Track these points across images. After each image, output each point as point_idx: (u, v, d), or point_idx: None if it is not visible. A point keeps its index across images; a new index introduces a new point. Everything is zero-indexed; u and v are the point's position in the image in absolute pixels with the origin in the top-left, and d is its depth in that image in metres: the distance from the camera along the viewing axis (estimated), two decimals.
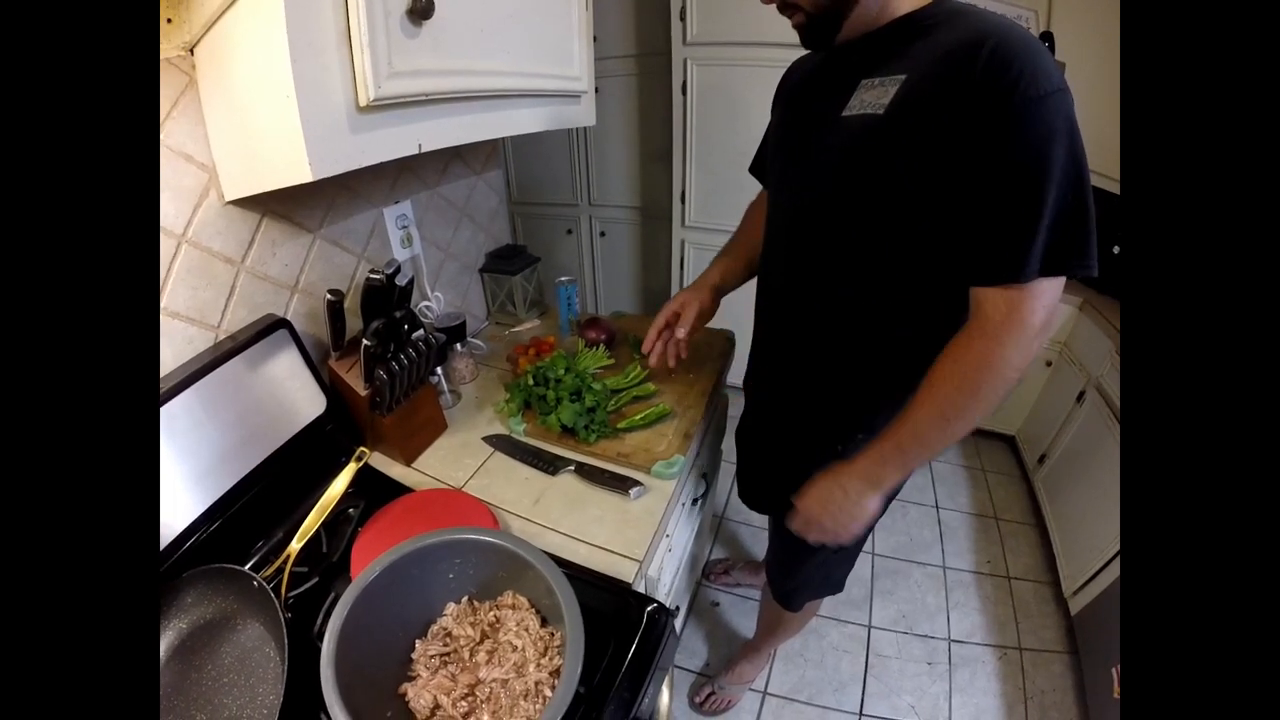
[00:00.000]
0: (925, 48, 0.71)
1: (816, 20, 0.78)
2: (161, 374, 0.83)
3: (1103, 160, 0.66)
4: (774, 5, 0.80)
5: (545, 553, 0.73)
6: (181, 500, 0.80)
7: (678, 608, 1.41)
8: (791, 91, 0.96)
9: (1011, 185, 0.65)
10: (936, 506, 2.19)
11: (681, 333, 1.09)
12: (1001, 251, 0.68)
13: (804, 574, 1.23)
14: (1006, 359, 0.70)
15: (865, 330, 0.87)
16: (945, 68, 0.67)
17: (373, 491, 0.96)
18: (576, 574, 0.78)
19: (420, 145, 0.82)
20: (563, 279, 1.47)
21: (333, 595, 0.81)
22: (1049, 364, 2.11)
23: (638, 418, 1.11)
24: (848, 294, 0.85)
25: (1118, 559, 1.45)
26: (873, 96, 0.75)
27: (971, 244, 0.70)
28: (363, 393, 0.97)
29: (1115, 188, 1.71)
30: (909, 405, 0.79)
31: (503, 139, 2.03)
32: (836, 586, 1.27)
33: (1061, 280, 0.68)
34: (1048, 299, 0.69)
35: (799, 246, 0.91)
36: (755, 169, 1.13)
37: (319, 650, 0.62)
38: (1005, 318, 0.69)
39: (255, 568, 0.81)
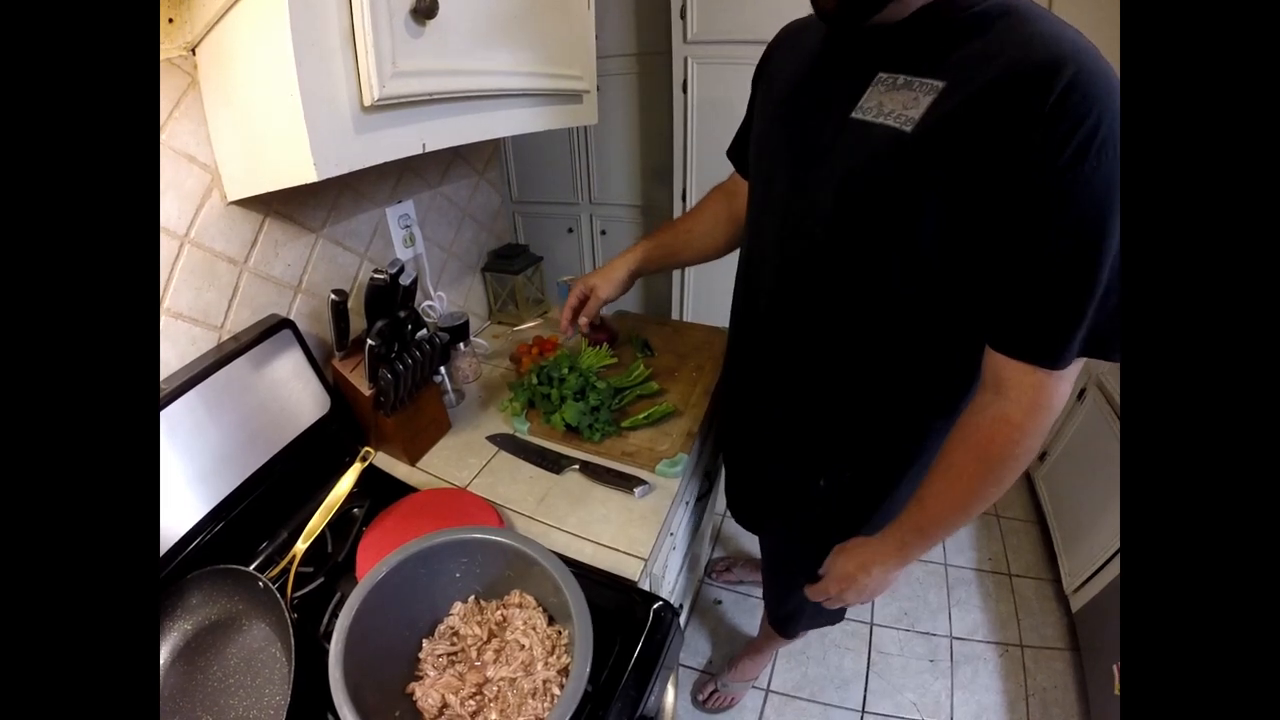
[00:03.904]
0: (973, 53, 0.58)
1: None
2: (165, 375, 0.82)
3: None
4: None
5: (552, 551, 0.73)
6: (186, 501, 0.80)
7: (681, 606, 1.42)
8: (787, 72, 0.81)
9: (1066, 258, 0.56)
10: None
11: (584, 321, 1.17)
12: (1043, 331, 0.60)
13: (795, 603, 1.21)
14: (1030, 446, 0.66)
15: (856, 361, 0.79)
16: (1004, 92, 0.54)
17: (377, 491, 0.96)
18: (582, 572, 0.77)
19: (424, 145, 0.82)
20: (565, 278, 1.47)
21: (338, 595, 0.81)
22: None
23: (642, 416, 1.11)
24: (841, 319, 0.77)
25: (1118, 556, 1.45)
26: (896, 103, 0.62)
27: (1005, 311, 0.62)
28: (367, 393, 0.97)
29: None
30: (926, 485, 0.75)
31: (503, 138, 2.03)
32: (835, 617, 1.26)
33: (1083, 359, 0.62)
34: (1070, 373, 0.63)
35: (788, 260, 0.81)
36: (733, 153, 1.05)
37: (325, 651, 0.62)
38: (1031, 403, 0.63)
39: (260, 568, 0.81)
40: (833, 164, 0.70)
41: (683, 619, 1.31)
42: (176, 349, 0.85)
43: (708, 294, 2.45)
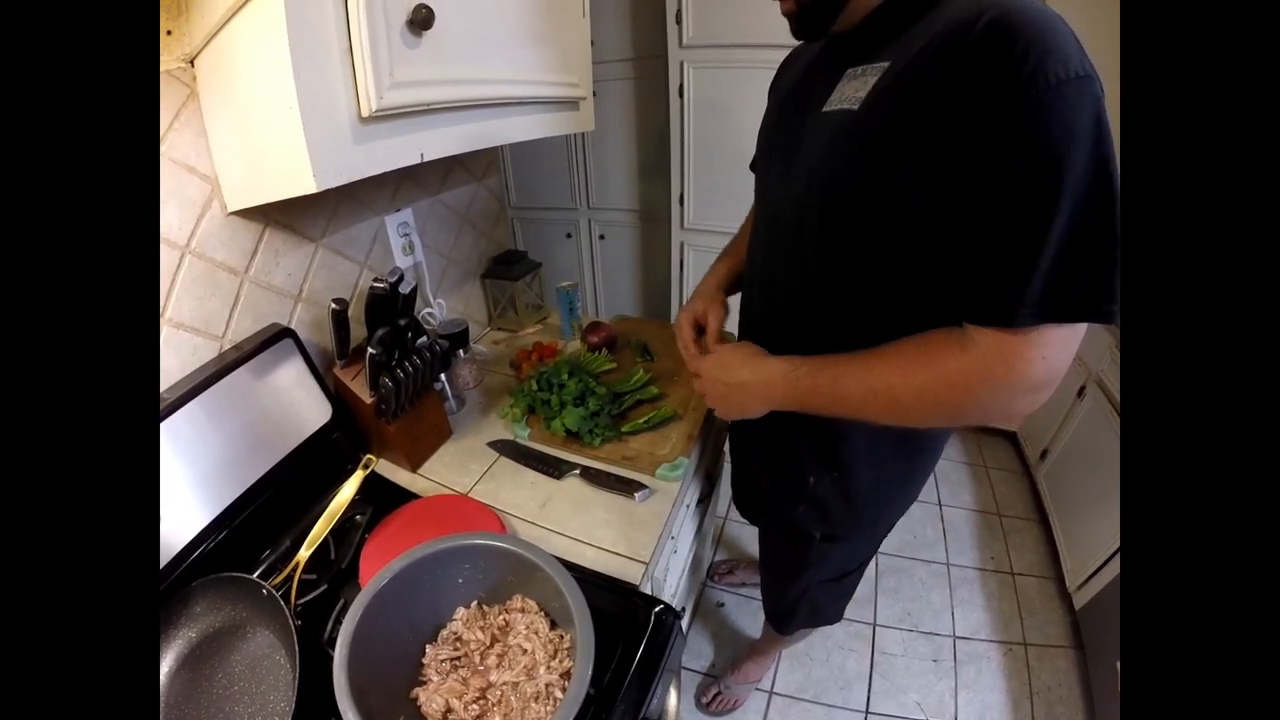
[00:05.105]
0: (918, 31, 0.59)
1: (809, 8, 0.67)
2: (168, 384, 0.83)
3: None
4: None
5: (553, 556, 0.73)
6: (189, 509, 0.80)
7: (684, 609, 1.42)
8: (789, 80, 0.86)
9: (1006, 199, 0.52)
10: (939, 504, 2.20)
11: (712, 341, 1.04)
12: (987, 286, 0.55)
13: (788, 601, 1.21)
14: (975, 395, 0.58)
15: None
16: (932, 50, 0.55)
17: (380, 498, 0.96)
18: (583, 577, 0.78)
19: (422, 154, 0.83)
20: (564, 284, 1.48)
21: (342, 602, 0.82)
22: None
23: (641, 420, 1.11)
24: (836, 316, 0.75)
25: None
26: (852, 89, 0.65)
27: (958, 273, 0.58)
28: (368, 400, 0.97)
29: None
30: (854, 355, 0.67)
31: (502, 145, 2.04)
32: (831, 618, 1.26)
33: (1077, 327, 0.55)
34: (1054, 350, 0.55)
35: (778, 261, 0.82)
36: (754, 166, 1.08)
37: (329, 657, 0.62)
38: (994, 360, 0.56)
39: (264, 576, 0.82)
40: (803, 156, 0.73)
41: (685, 622, 1.32)
42: (179, 358, 0.86)
43: None
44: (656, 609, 0.78)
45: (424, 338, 1.01)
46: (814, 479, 0.92)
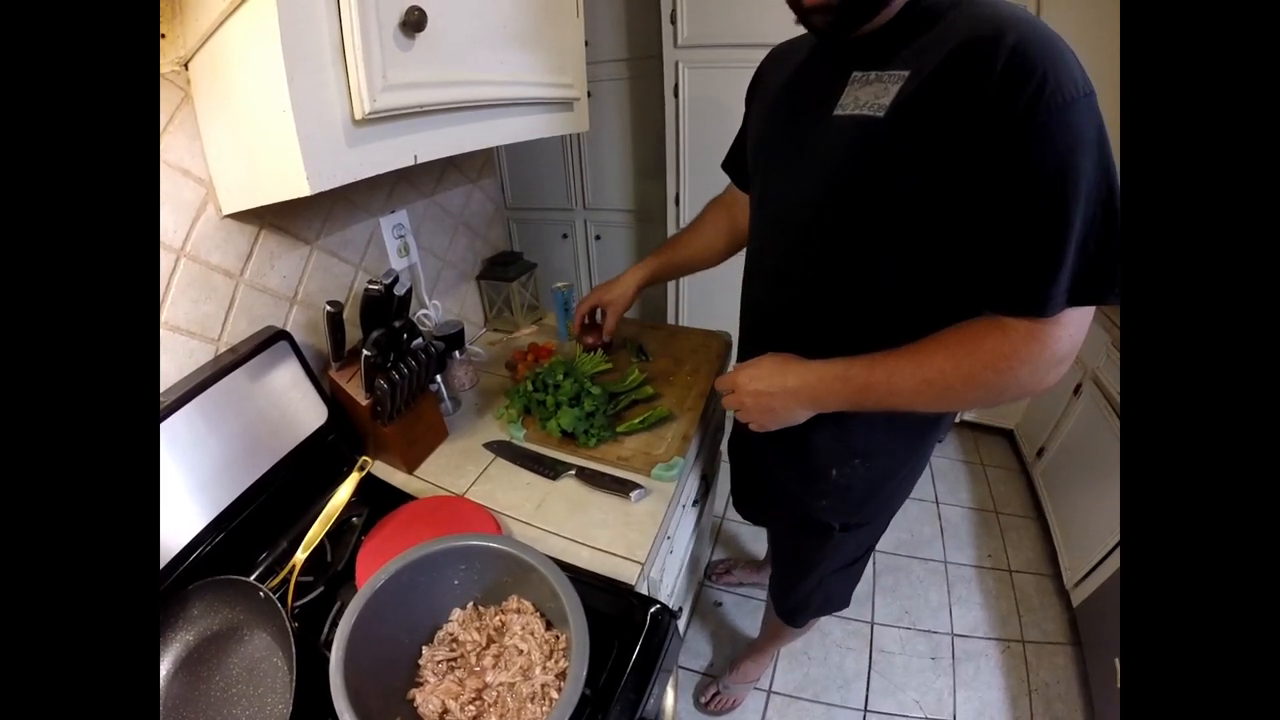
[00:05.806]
0: (933, 40, 0.63)
1: (851, 4, 0.66)
2: (164, 388, 0.83)
3: None
4: None
5: (549, 557, 0.73)
6: (186, 513, 0.80)
7: (681, 609, 1.42)
8: (776, 85, 0.87)
9: (1035, 206, 0.58)
10: (936, 502, 2.20)
11: (608, 338, 1.30)
12: (1022, 282, 0.62)
13: (802, 593, 1.22)
14: (1017, 374, 0.65)
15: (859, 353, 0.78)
16: (957, 66, 0.60)
17: (376, 500, 0.96)
18: (580, 577, 0.78)
19: (416, 156, 0.83)
20: (559, 284, 1.48)
21: (339, 604, 0.82)
22: None
23: (637, 421, 1.11)
24: (840, 314, 0.79)
25: (1118, 550, 1.46)
26: (869, 94, 0.67)
27: (988, 271, 0.64)
28: (364, 402, 0.97)
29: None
30: (899, 351, 0.72)
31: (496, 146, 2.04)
32: (841, 604, 1.27)
33: (1091, 309, 0.63)
34: (1075, 328, 0.64)
35: (785, 260, 0.85)
36: (728, 165, 1.10)
37: (326, 659, 0.62)
38: (1031, 342, 0.64)
39: (261, 578, 0.81)
40: (816, 159, 0.75)
41: (682, 622, 1.32)
42: (175, 361, 0.86)
43: (704, 298, 2.46)
44: (653, 609, 0.78)
45: (419, 339, 1.01)
46: (836, 471, 0.94)
